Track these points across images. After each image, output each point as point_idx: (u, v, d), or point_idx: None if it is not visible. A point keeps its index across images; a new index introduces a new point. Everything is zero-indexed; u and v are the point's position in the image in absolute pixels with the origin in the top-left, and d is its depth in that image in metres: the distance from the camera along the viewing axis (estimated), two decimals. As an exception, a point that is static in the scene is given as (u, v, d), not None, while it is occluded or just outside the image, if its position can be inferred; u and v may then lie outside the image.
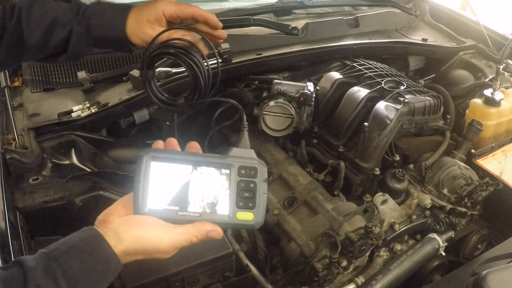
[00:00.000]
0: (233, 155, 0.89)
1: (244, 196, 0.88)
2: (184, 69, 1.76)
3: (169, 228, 0.83)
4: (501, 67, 1.92)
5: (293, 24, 2.14)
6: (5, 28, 1.12)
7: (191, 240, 0.83)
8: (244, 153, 0.91)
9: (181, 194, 0.85)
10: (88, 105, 1.66)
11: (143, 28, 1.09)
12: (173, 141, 0.89)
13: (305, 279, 1.41)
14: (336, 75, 1.92)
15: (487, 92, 1.89)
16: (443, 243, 1.58)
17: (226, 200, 0.86)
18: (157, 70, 1.73)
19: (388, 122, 1.65)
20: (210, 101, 1.20)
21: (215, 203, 0.86)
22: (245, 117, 1.03)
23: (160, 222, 0.83)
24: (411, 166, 1.74)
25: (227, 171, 0.87)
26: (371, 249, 1.48)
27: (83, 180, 1.45)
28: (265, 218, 1.63)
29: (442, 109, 1.81)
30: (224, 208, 0.86)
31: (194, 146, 0.90)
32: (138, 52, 1.83)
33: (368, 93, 1.77)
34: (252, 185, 0.89)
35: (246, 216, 0.88)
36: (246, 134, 1.00)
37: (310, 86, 1.80)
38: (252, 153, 0.91)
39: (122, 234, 0.79)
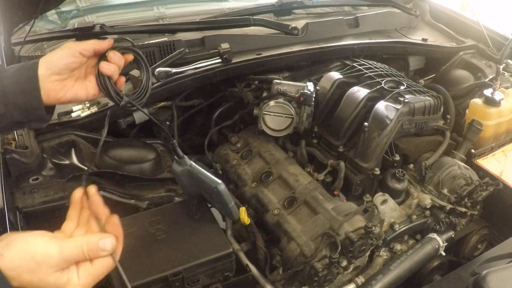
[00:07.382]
0: None
1: None
2: (184, 69, 1.79)
3: (57, 240, 0.82)
4: (501, 67, 1.93)
5: (293, 24, 2.13)
6: None
7: (82, 247, 0.82)
8: None
9: None
10: (88, 105, 1.66)
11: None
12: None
13: (305, 279, 1.41)
14: (336, 75, 1.92)
15: (487, 92, 1.89)
16: (443, 243, 1.58)
17: None
18: (156, 70, 1.72)
19: (388, 122, 1.65)
20: None
21: None
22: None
23: (47, 236, 0.82)
24: (411, 166, 1.74)
25: None
26: (371, 249, 1.48)
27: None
28: (265, 218, 1.67)
29: (442, 109, 1.81)
30: None
31: (114, 221, 0.92)
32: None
33: (368, 93, 1.77)
34: None
35: None
36: None
37: (310, 86, 1.80)
38: None
39: (3, 251, 0.77)
